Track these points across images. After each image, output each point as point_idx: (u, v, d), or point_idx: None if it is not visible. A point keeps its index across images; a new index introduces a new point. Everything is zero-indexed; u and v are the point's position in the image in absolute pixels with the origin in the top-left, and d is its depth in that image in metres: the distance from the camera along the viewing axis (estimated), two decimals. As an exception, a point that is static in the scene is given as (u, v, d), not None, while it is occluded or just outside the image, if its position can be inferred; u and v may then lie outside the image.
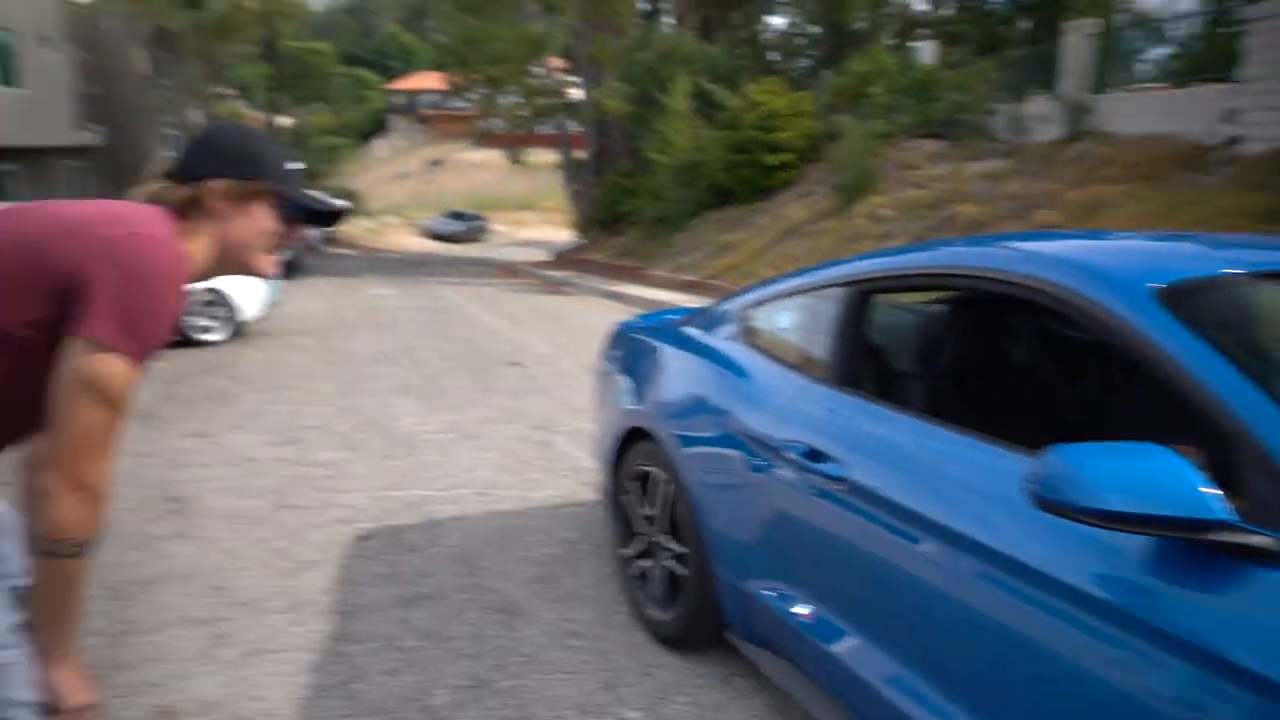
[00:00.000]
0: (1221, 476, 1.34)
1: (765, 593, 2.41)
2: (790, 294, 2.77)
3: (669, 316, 3.69)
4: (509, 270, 21.21)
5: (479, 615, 3.15)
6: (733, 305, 3.08)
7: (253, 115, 60.15)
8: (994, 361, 2.69)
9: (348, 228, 34.40)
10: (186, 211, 1.48)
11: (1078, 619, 1.48)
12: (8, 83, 19.30)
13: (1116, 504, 1.30)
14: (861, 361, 2.44)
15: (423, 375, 7.57)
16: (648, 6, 24.02)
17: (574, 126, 24.47)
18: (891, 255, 2.61)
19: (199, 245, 1.50)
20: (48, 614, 1.33)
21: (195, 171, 1.50)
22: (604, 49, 19.68)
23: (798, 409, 2.38)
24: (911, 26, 22.82)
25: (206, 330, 8.90)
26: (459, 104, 50.11)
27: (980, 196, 11.40)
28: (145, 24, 24.34)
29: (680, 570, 2.81)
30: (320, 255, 24.25)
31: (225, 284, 8.97)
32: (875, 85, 15.65)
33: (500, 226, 43.39)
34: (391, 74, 72.38)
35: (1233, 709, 1.26)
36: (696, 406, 2.84)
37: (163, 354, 1.41)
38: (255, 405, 6.41)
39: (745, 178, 15.96)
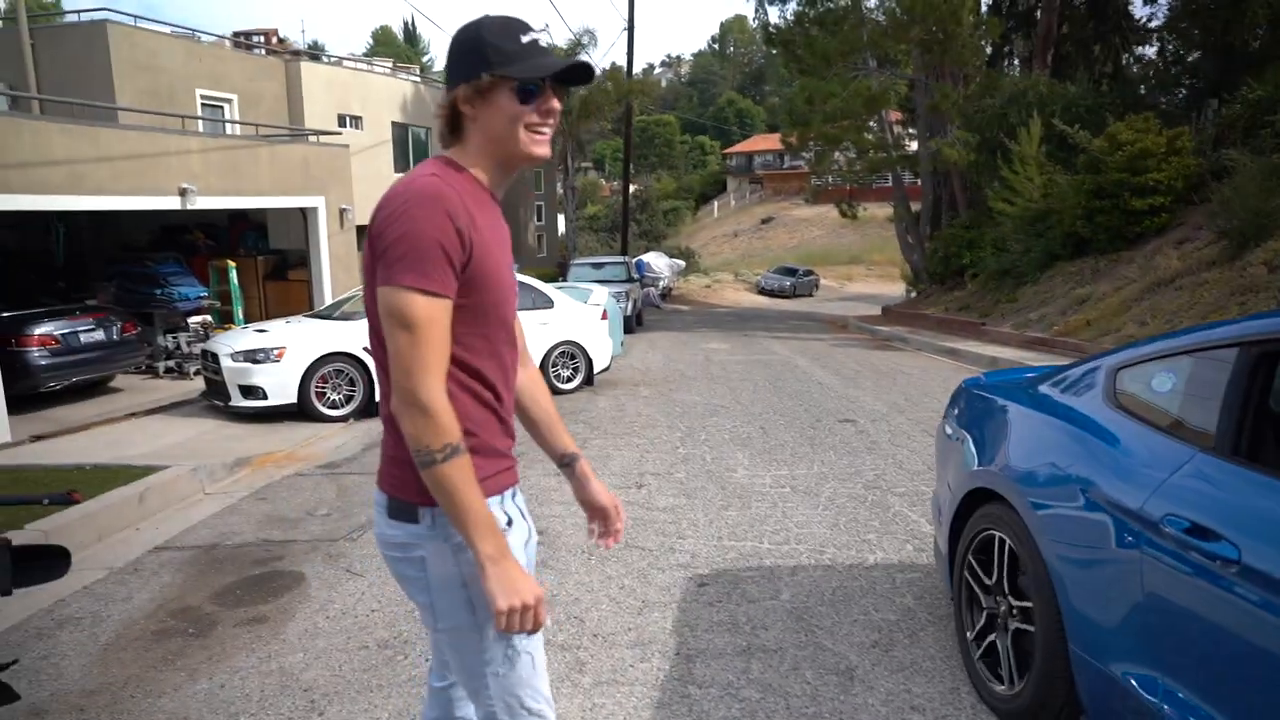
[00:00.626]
0: None
1: (1130, 677, 2.18)
2: (1172, 354, 2.53)
3: (1020, 375, 3.50)
4: (838, 325, 21.05)
5: (816, 675, 3.12)
6: (1100, 365, 2.85)
7: (606, 184, 66.16)
8: None
9: (684, 284, 36.41)
10: (454, 130, 1.58)
11: None
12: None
13: None
14: (1260, 431, 2.13)
15: (756, 428, 7.74)
16: (992, 50, 22.86)
17: (909, 178, 23.85)
18: None
19: (475, 154, 1.58)
20: (455, 523, 1.48)
21: (450, 80, 1.58)
22: (946, 98, 19.04)
23: (1179, 481, 2.16)
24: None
25: (564, 380, 9.88)
26: (792, 163, 51.21)
27: None
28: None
29: (1028, 633, 2.66)
30: (658, 310, 25.88)
31: (582, 337, 9.93)
32: (1279, 112, 13.43)
33: (830, 281, 43.29)
34: (729, 138, 75.95)
35: None
36: (1056, 471, 2.66)
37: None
38: (604, 449, 6.97)
39: (1107, 225, 14.43)
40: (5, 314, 8.69)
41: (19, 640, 3.64)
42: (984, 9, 22.10)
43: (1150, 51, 22.23)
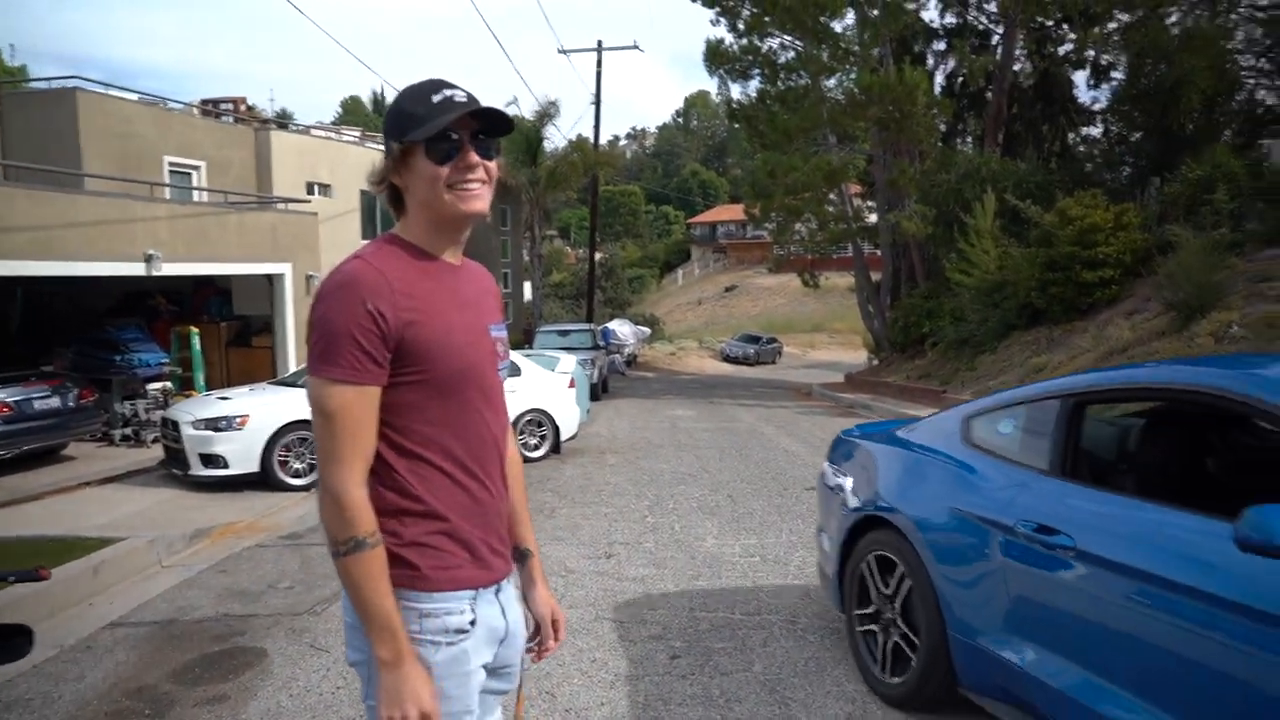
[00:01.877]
0: None
1: (1003, 652, 2.87)
2: (1011, 404, 3.35)
3: (888, 426, 4.25)
4: (802, 392, 21.27)
5: (790, 750, 3.09)
6: (956, 414, 3.63)
7: (571, 252, 66.83)
8: (1172, 451, 3.18)
9: (649, 352, 36.62)
10: (394, 203, 1.60)
11: (1269, 636, 1.99)
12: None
13: None
14: (1078, 458, 2.95)
15: (724, 496, 7.75)
16: (946, 128, 23.78)
17: (870, 249, 24.46)
18: (1106, 375, 3.11)
19: (413, 223, 1.59)
20: (360, 619, 1.46)
21: (387, 146, 1.59)
22: (903, 173, 19.70)
23: (1025, 496, 2.93)
24: (1259, 123, 20.42)
25: (532, 448, 9.84)
26: (755, 233, 52.27)
27: (1366, 311, 9.68)
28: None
29: (912, 637, 3.31)
30: (623, 377, 25.96)
31: (549, 405, 9.93)
32: (1216, 191, 14.09)
33: (793, 348, 43.85)
34: (692, 208, 77.46)
35: None
36: (931, 494, 3.37)
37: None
38: (572, 518, 6.93)
39: (1060, 296, 14.89)
40: (-43, 381, 8.50)
41: (-36, 723, 3.49)
42: (938, 90, 23.05)
43: (1095, 132, 23.28)
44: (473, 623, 1.55)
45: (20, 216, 8.68)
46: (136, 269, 10.22)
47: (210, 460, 8.11)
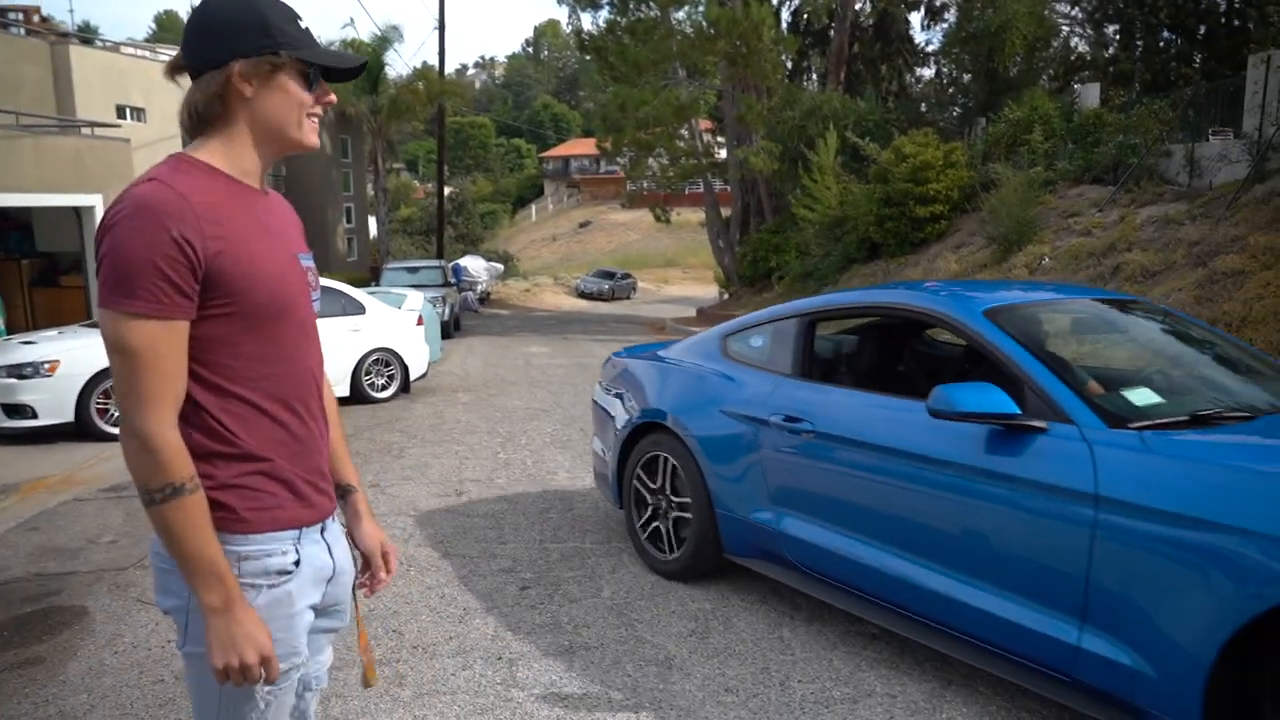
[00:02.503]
0: (1014, 397, 2.70)
1: (759, 517, 3.62)
2: (758, 324, 4.08)
3: (654, 347, 4.89)
4: (656, 327, 21.60)
5: (636, 667, 3.20)
6: (714, 334, 4.33)
7: (420, 186, 64.46)
8: (883, 355, 4.15)
9: (502, 288, 36.07)
10: (211, 117, 1.44)
11: (961, 482, 2.81)
12: (214, 166, 21.70)
13: (971, 408, 2.66)
14: (811, 363, 3.76)
15: (576, 430, 7.81)
16: (792, 65, 24.26)
17: (720, 185, 24.85)
18: (834, 298, 3.91)
19: (236, 143, 1.46)
20: (179, 567, 1.37)
21: (209, 57, 1.42)
22: (751, 109, 20.00)
23: (775, 395, 3.65)
24: (1072, 69, 21.98)
25: (379, 388, 9.55)
26: (608, 168, 51.99)
27: (1153, 243, 10.73)
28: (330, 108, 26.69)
29: (685, 518, 4.00)
30: (476, 315, 25.51)
31: (396, 344, 9.63)
32: (1033, 132, 15.13)
33: (647, 284, 44.32)
34: (545, 142, 76.03)
35: (1026, 498, 2.60)
36: (700, 401, 4.00)
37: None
38: (422, 458, 6.80)
39: (896, 231, 15.69)
40: None
41: None
42: (784, 26, 23.42)
43: (929, 73, 24.40)
44: (296, 563, 1.50)
45: None
46: (-88, 199, 9.07)
47: (15, 410, 7.41)
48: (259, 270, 1.43)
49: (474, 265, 30.70)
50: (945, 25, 23.26)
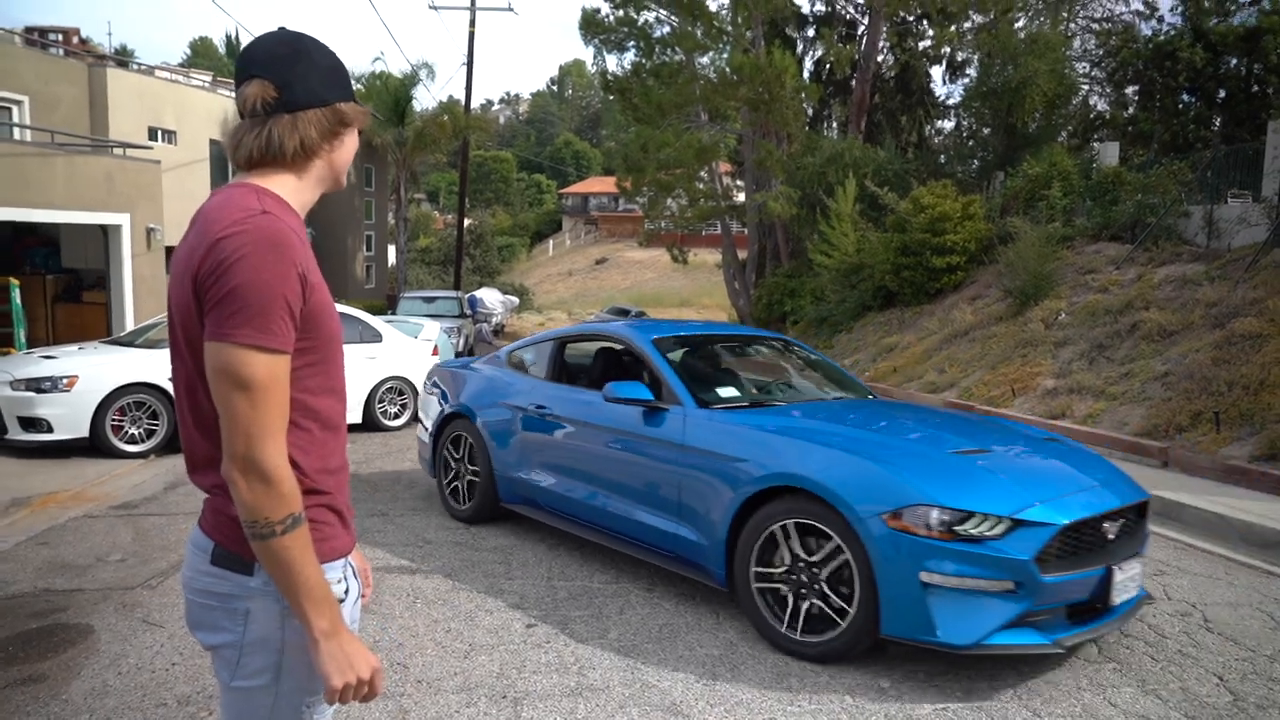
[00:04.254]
0: (657, 391, 4.58)
1: (520, 475, 5.29)
2: (532, 344, 5.91)
3: (460, 362, 6.59)
4: (669, 366, 21.59)
5: (642, 712, 3.17)
6: (501, 351, 6.22)
7: (440, 217, 65.04)
8: (606, 367, 5.55)
9: (517, 321, 36.24)
10: (307, 148, 1.47)
11: (624, 441, 4.60)
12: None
13: (625, 395, 4.46)
14: (560, 372, 5.56)
15: (587, 467, 7.78)
16: (813, 113, 24.53)
17: (737, 227, 25.01)
18: (577, 328, 5.96)
19: (308, 183, 1.51)
20: (287, 596, 1.39)
21: (318, 96, 1.46)
22: (771, 155, 20.18)
23: (534, 392, 5.39)
24: (1091, 126, 22.13)
25: (392, 416, 9.57)
26: (627, 206, 52.40)
27: (1170, 303, 10.70)
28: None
29: (475, 480, 5.64)
30: (491, 347, 25.60)
31: (411, 373, 9.67)
32: (1052, 187, 15.20)
33: (660, 323, 44.34)
34: (565, 179, 76.84)
35: (655, 449, 4.41)
36: (488, 397, 5.68)
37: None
38: (431, 489, 6.78)
39: (912, 280, 15.72)
40: None
41: None
42: (807, 75, 23.73)
43: (949, 125, 24.60)
44: (347, 591, 1.54)
45: None
46: (-55, 212, 9.23)
47: (31, 424, 7.47)
48: (328, 307, 1.47)
49: (490, 297, 30.88)
50: (966, 80, 23.53)
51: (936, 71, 30.32)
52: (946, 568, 3.29)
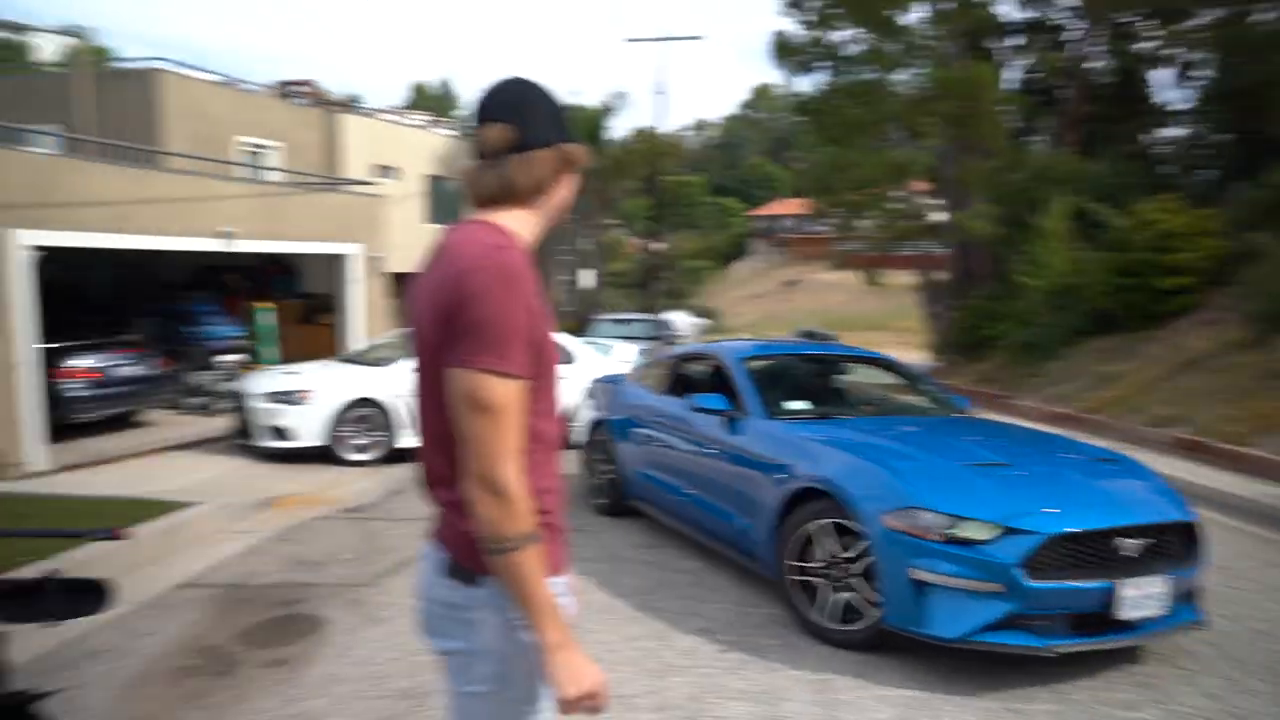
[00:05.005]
0: (734, 402, 5.25)
1: (636, 473, 6.11)
2: (652, 365, 7.11)
3: (615, 375, 7.71)
4: (859, 391, 20.99)
5: (837, 748, 3.09)
6: (639, 367, 7.69)
7: (631, 241, 66.92)
8: (712, 382, 5.91)
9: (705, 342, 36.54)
10: (538, 187, 1.57)
11: (709, 445, 5.26)
12: (452, 219, 23.69)
13: (705, 405, 5.23)
14: (674, 384, 6.29)
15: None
16: (1019, 125, 23.17)
17: (934, 248, 24.00)
18: (691, 348, 7.51)
19: (534, 219, 1.61)
20: (522, 609, 1.46)
21: (546, 137, 1.57)
22: (971, 171, 19.25)
23: (651, 402, 6.23)
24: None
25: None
26: (816, 228, 51.65)
27: None
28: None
29: (611, 478, 6.45)
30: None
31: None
32: (1306, 199, 13.50)
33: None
34: (754, 201, 76.87)
35: (739, 458, 4.91)
36: (620, 406, 6.59)
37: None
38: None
39: (1133, 303, 14.42)
40: (49, 345, 8.88)
41: (48, 669, 3.68)
42: (1011, 86, 22.48)
43: (1176, 133, 22.43)
44: (564, 605, 1.60)
45: (104, 191, 9.03)
46: (212, 245, 10.56)
47: (278, 432, 8.37)
48: (549, 335, 1.57)
49: (679, 320, 31.35)
50: (1197, 83, 21.38)
51: (1161, 75, 27.76)
52: (937, 566, 3.64)
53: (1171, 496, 4.12)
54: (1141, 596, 3.62)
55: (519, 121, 1.56)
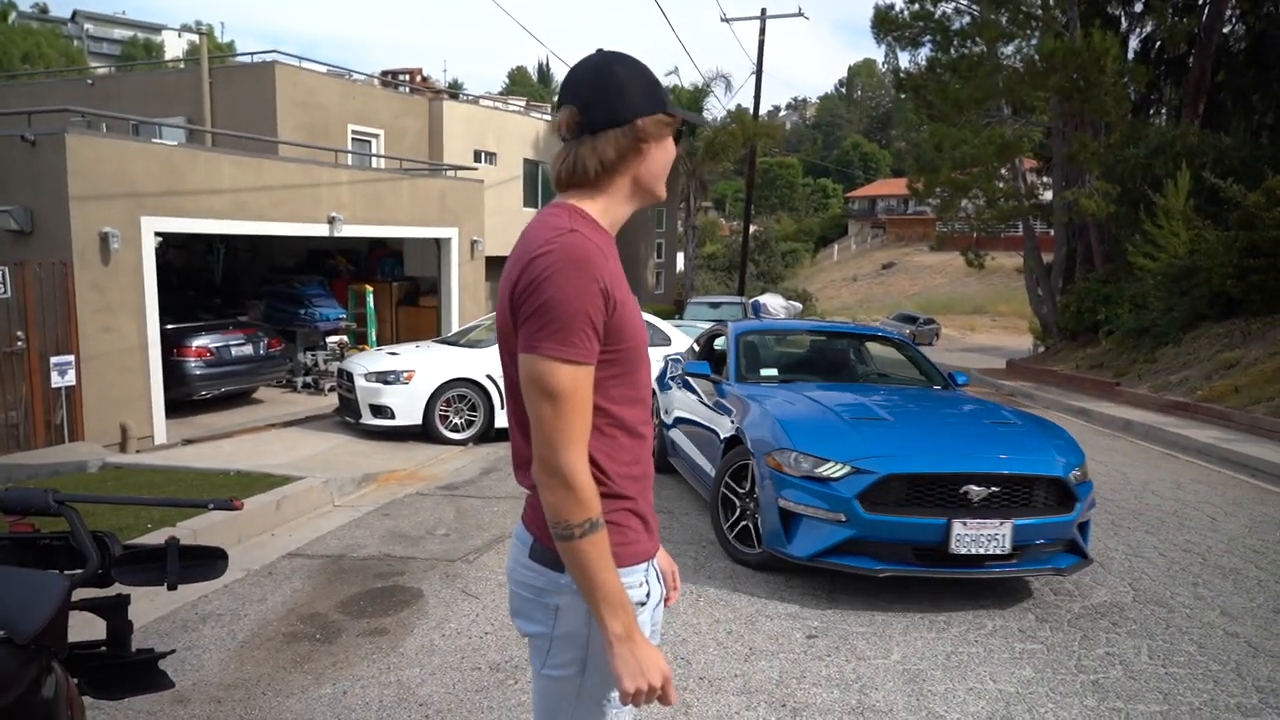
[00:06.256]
0: (721, 370, 6.43)
1: (666, 424, 7.13)
2: (694, 340, 8.31)
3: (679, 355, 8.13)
4: (960, 377, 20.33)
5: (926, 742, 3.03)
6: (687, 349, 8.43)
7: (725, 224, 66.38)
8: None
9: (799, 327, 36.02)
10: (614, 166, 1.53)
11: (703, 401, 6.21)
12: (542, 204, 24.02)
13: (693, 370, 6.21)
14: (705, 353, 7.37)
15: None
16: (1138, 98, 21.88)
17: (1041, 228, 22.97)
18: (711, 327, 7.75)
19: (620, 197, 1.56)
20: (584, 596, 1.44)
21: (616, 116, 1.52)
22: (1085, 148, 18.30)
23: (676, 367, 7.30)
24: None
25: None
26: (916, 209, 50.17)
27: None
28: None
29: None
30: (773, 352, 25.63)
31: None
32: None
33: (951, 330, 41.96)
34: (852, 182, 75.17)
35: (714, 407, 5.87)
36: (668, 371, 7.59)
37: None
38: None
39: (1261, 285, 13.49)
40: (169, 326, 9.45)
41: (167, 630, 3.94)
42: (1130, 55, 21.26)
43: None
44: (649, 594, 1.58)
45: (223, 180, 9.52)
46: (321, 230, 11.00)
47: (379, 411, 8.68)
48: (633, 319, 1.52)
49: (773, 303, 30.86)
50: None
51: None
52: (798, 498, 4.39)
53: (1060, 458, 4.50)
54: (976, 535, 4.18)
55: (584, 101, 1.52)
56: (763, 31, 27.17)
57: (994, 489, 4.27)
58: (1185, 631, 4.14)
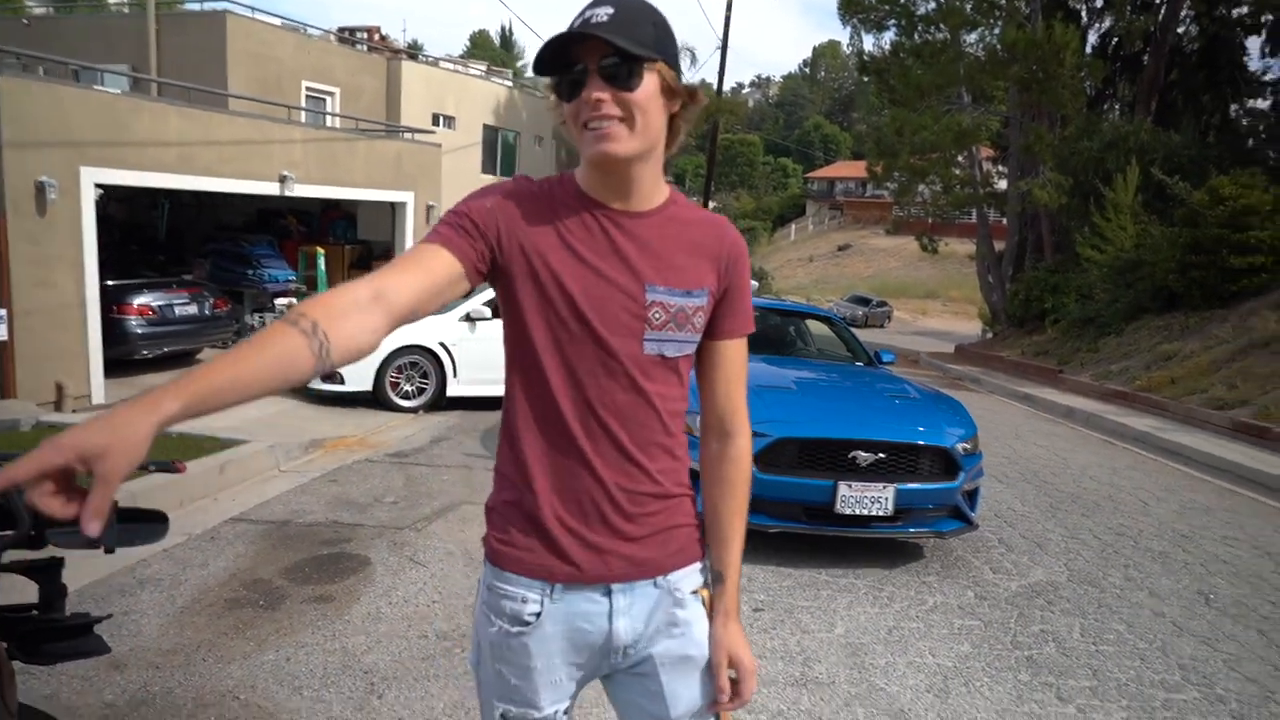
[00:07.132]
0: None
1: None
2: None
3: None
4: (909, 360, 20.69)
5: (867, 715, 3.10)
6: None
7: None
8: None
9: (755, 305, 36.22)
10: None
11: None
12: (509, 171, 23.73)
13: None
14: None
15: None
16: (1094, 93, 22.28)
17: (995, 216, 23.37)
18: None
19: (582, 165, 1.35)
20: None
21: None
22: (1040, 139, 18.62)
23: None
24: None
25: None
26: (874, 192, 50.67)
27: None
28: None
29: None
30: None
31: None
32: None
33: (903, 314, 42.60)
34: (812, 163, 75.56)
35: None
36: None
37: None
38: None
39: (1201, 281, 13.92)
40: (110, 282, 9.15)
41: (103, 594, 3.84)
42: (1089, 50, 21.61)
43: (1264, 104, 21.39)
44: (537, 615, 1.32)
45: (169, 132, 9.19)
46: (271, 188, 10.71)
47: (328, 376, 8.53)
48: (564, 290, 1.30)
49: (729, 280, 31.10)
50: (1291, 50, 20.28)
51: (1253, 43, 26.40)
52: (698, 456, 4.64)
53: (951, 430, 4.78)
54: (860, 497, 4.46)
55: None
56: (729, 7, 27.01)
57: (880, 455, 4.55)
58: (1115, 611, 4.29)
